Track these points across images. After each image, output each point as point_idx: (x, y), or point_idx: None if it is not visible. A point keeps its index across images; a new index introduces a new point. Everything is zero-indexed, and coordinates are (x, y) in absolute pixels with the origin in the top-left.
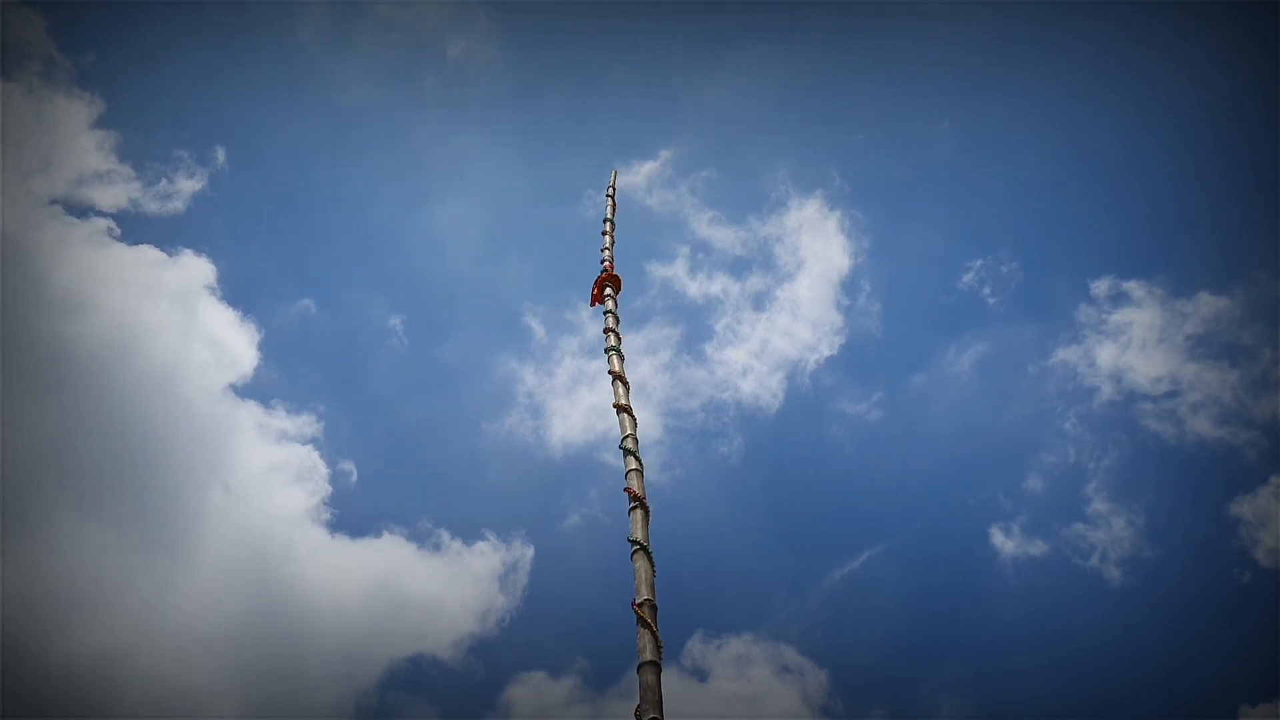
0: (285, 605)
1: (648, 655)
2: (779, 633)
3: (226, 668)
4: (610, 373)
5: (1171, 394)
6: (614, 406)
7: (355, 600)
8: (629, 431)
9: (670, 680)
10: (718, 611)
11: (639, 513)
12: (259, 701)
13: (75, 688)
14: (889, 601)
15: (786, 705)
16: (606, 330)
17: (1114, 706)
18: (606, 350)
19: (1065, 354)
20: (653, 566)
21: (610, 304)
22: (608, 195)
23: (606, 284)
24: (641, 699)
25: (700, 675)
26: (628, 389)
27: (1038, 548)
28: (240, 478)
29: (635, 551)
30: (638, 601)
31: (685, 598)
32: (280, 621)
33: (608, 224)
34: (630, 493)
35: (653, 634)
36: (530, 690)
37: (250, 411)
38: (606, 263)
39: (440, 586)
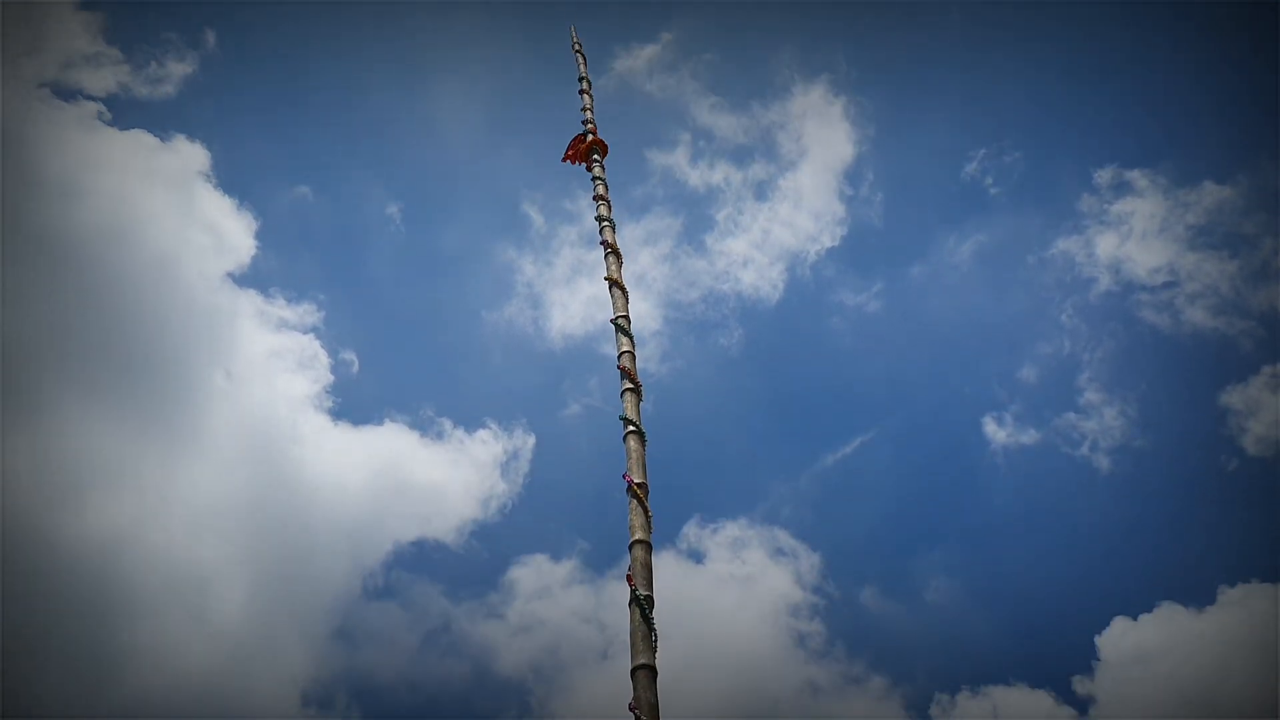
0: (291, 488)
1: (638, 534)
2: (773, 516)
3: (235, 548)
4: (602, 243)
5: (1169, 284)
6: (605, 280)
7: (359, 485)
8: (621, 310)
9: (667, 563)
10: (714, 497)
11: (631, 394)
12: (267, 580)
13: (85, 568)
14: (881, 486)
15: (780, 586)
16: (596, 198)
17: (1098, 588)
18: (598, 219)
19: (1065, 244)
20: (644, 446)
21: (598, 170)
22: (574, 51)
23: (593, 149)
24: (633, 574)
25: (696, 558)
26: (620, 263)
27: (1030, 437)
28: (241, 364)
29: (628, 432)
30: (631, 480)
31: (683, 484)
32: (286, 504)
33: (584, 82)
34: (623, 370)
35: (644, 512)
36: (532, 571)
37: (250, 299)
38: (589, 125)
39: (442, 473)
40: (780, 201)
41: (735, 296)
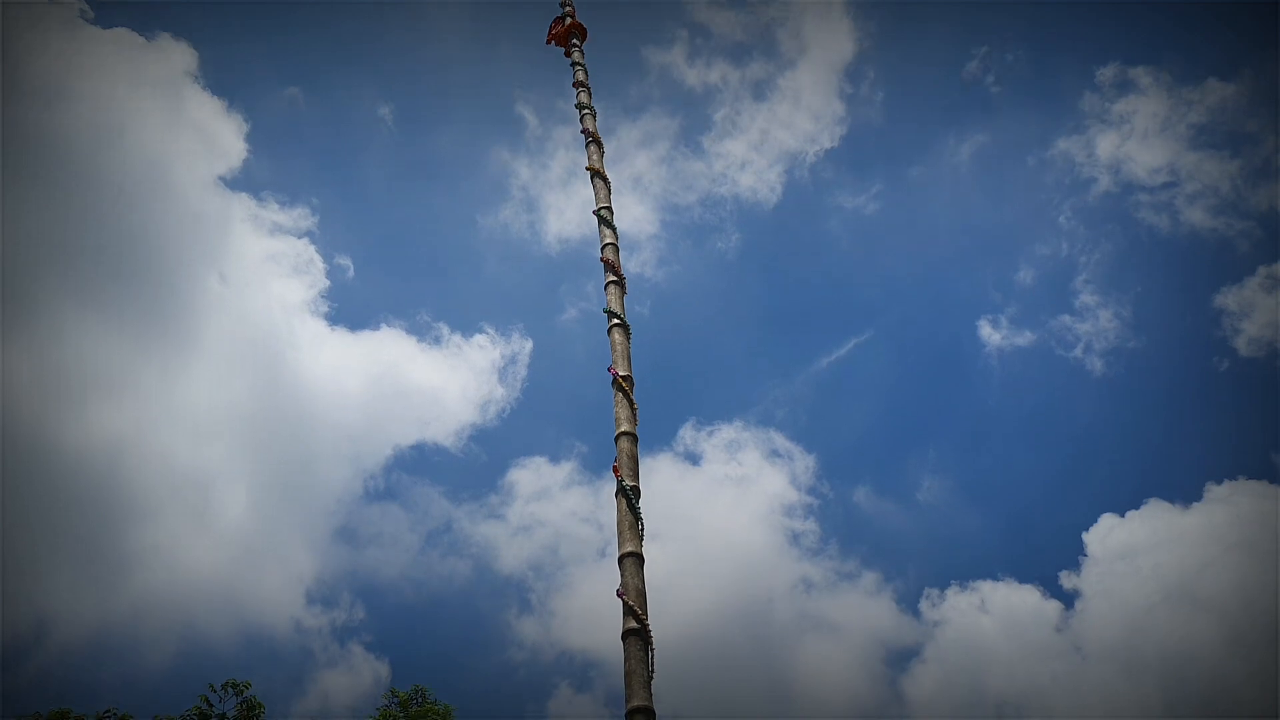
0: (290, 392)
1: (624, 426)
2: (768, 419)
3: (236, 452)
4: (583, 132)
5: (1169, 185)
6: (587, 169)
7: (358, 390)
8: (604, 202)
9: (664, 465)
10: (710, 400)
11: (614, 286)
12: (270, 483)
13: (89, 472)
14: (875, 388)
15: (775, 487)
16: (576, 84)
17: (1087, 486)
18: (578, 107)
19: (1065, 145)
20: (629, 339)
21: (577, 55)
22: None
23: (572, 33)
24: (619, 465)
25: (693, 460)
26: (601, 151)
27: (1024, 339)
28: (235, 269)
29: (612, 325)
30: (616, 373)
31: (679, 387)
32: (286, 408)
33: None
34: (606, 263)
35: (629, 404)
36: (531, 473)
37: (242, 203)
38: (567, 7)
39: (441, 378)
40: (779, 101)
41: (733, 199)
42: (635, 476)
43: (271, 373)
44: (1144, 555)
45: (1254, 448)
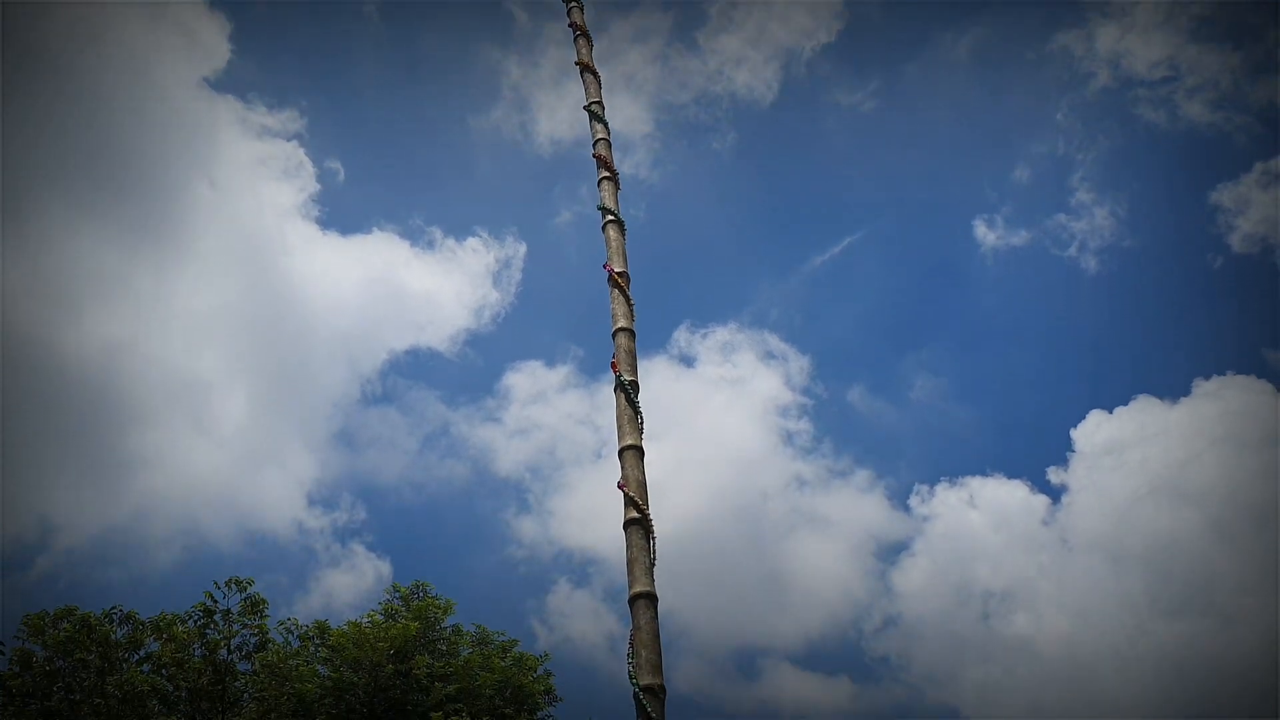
0: (284, 297)
1: (621, 322)
2: (762, 319)
3: (233, 357)
4: (570, 25)
5: (1169, 79)
6: (576, 64)
7: (352, 294)
8: (594, 96)
9: (659, 367)
10: (704, 302)
11: (608, 182)
12: (267, 388)
13: (86, 377)
14: (870, 288)
15: (769, 388)
16: None
17: (1077, 383)
18: (565, 0)
19: (1065, 39)
20: (624, 235)
21: None
22: None
23: None
24: (617, 360)
25: (688, 362)
26: (590, 45)
27: (1020, 238)
28: (225, 173)
29: (607, 222)
30: (612, 270)
31: (673, 289)
32: (281, 313)
33: None
34: (598, 159)
35: (625, 300)
36: (527, 377)
37: (229, 106)
38: None
39: (434, 283)
40: None
41: (728, 97)
42: (633, 371)
43: (264, 277)
44: (1131, 450)
45: (1244, 343)
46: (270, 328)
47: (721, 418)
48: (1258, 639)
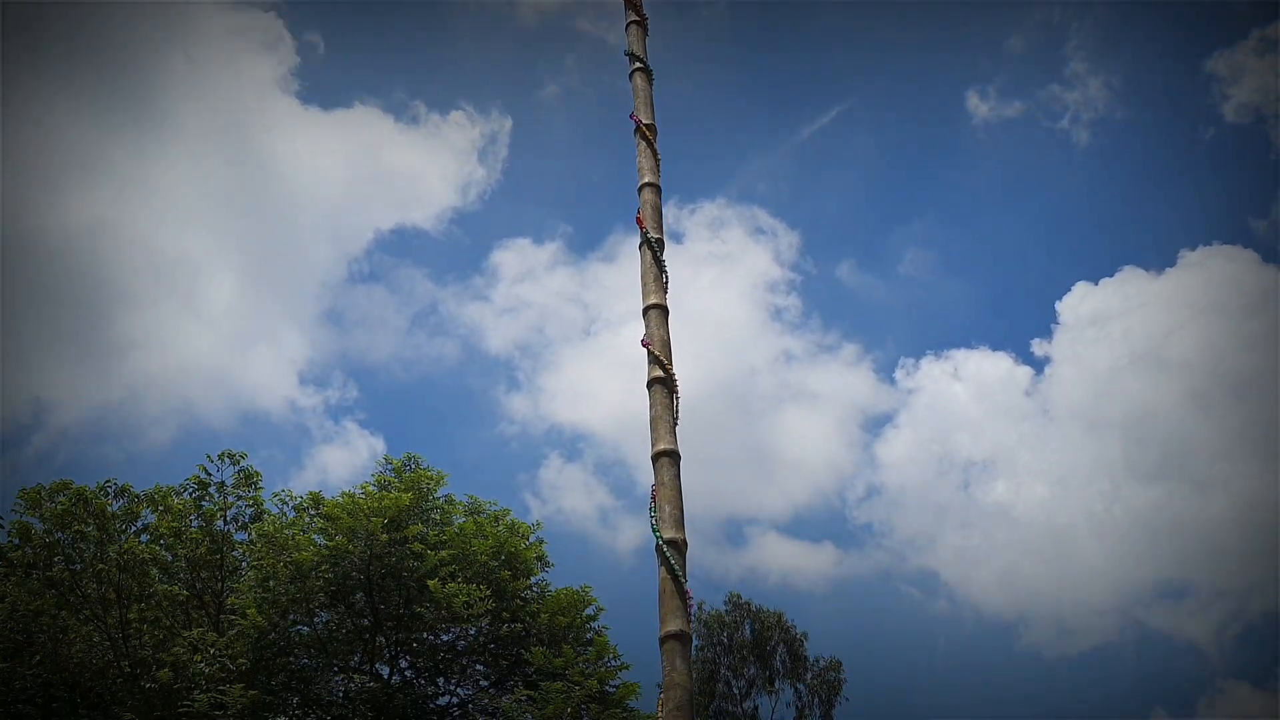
0: (268, 176)
1: (647, 177)
2: (750, 194)
3: (218, 237)
4: None
5: None
6: None
7: (336, 172)
8: None
9: None
10: (691, 177)
11: (636, 27)
12: (253, 267)
13: (72, 258)
14: (860, 159)
15: (759, 264)
16: None
17: (1064, 255)
18: None
19: None
20: (651, 84)
21: None
22: None
23: None
24: (643, 216)
25: (675, 238)
26: None
27: (1013, 109)
28: (201, 46)
29: (634, 69)
30: (639, 120)
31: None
32: (265, 192)
33: None
34: (628, 2)
35: (653, 154)
36: (515, 255)
37: None
38: None
39: (419, 160)
40: None
41: None
42: (659, 228)
43: (246, 155)
44: (1114, 321)
45: (1231, 213)
46: (254, 207)
47: (710, 294)
48: (1230, 504)
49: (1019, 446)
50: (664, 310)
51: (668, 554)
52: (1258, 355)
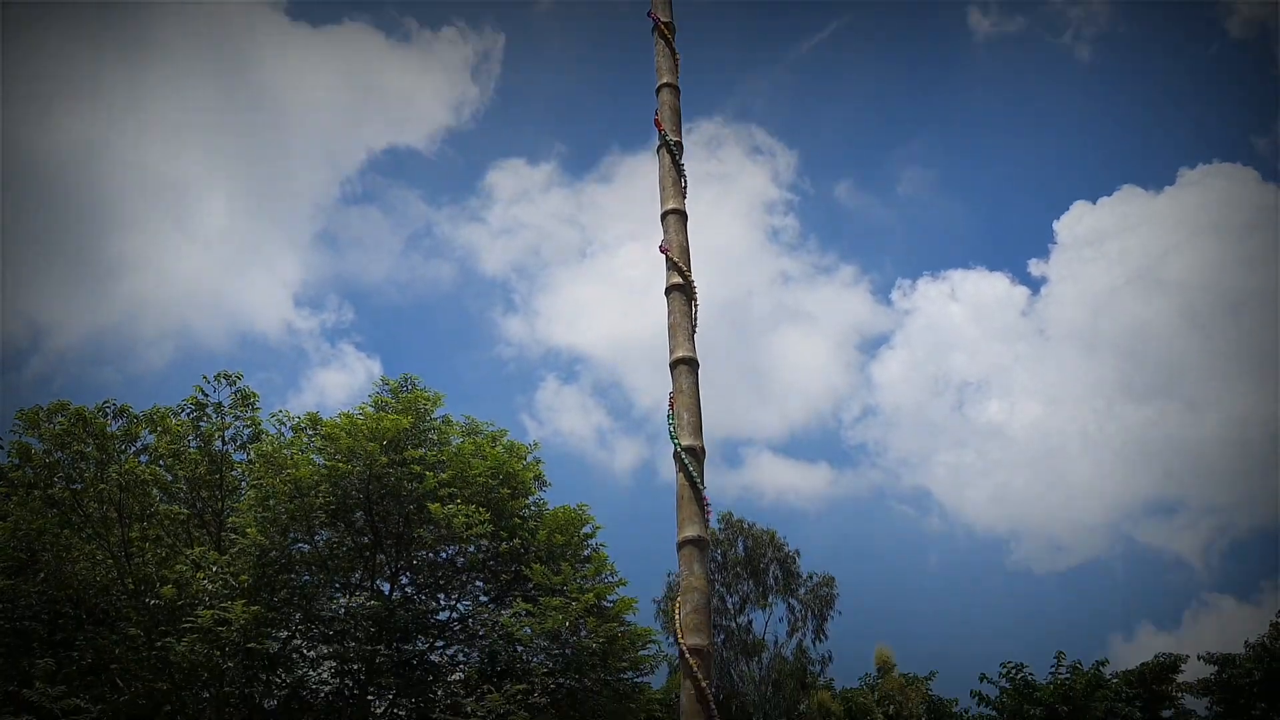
0: (257, 95)
1: (665, 78)
2: (747, 112)
3: (209, 157)
4: None
5: None
6: None
7: (326, 92)
8: None
9: (642, 163)
10: (688, 93)
11: None
12: (246, 188)
13: (66, 178)
14: (859, 76)
15: (756, 184)
16: None
17: (1063, 174)
18: None
19: None
20: None
21: None
22: None
23: None
24: (661, 118)
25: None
26: None
27: (1015, 25)
28: None
29: None
30: (657, 18)
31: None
32: (255, 112)
33: None
34: None
35: (671, 53)
36: (510, 175)
37: None
38: None
39: (411, 78)
40: None
41: None
42: (678, 131)
43: (236, 74)
44: (1112, 240)
45: (1232, 130)
46: (245, 127)
47: (707, 215)
48: (1222, 422)
49: (1014, 366)
50: (683, 215)
51: (686, 461)
52: (1254, 274)
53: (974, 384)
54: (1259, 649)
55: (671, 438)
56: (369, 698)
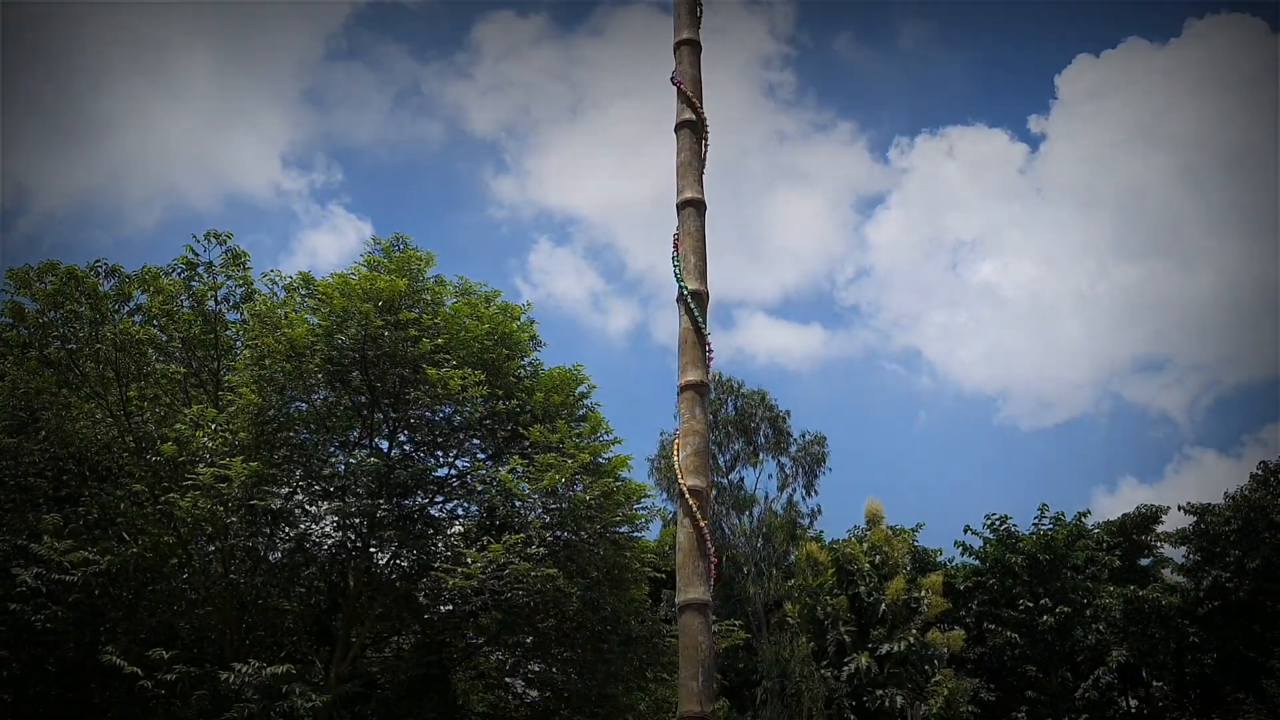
0: None
1: None
2: None
3: (192, 13)
4: None
5: None
6: None
7: None
8: None
9: (634, 14)
10: None
11: None
12: (228, 44)
13: (42, 35)
14: None
15: (753, 38)
16: None
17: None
18: None
19: None
20: None
21: None
22: None
23: None
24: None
25: (663, 7)
26: None
27: None
28: None
29: None
30: None
31: None
32: None
33: None
34: None
35: None
36: (498, 28)
37: None
38: None
39: None
40: None
41: None
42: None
43: None
44: (1113, 96)
45: None
46: None
47: (701, 70)
48: (1215, 279)
49: (1009, 225)
50: (696, 46)
51: (691, 304)
52: (1255, 130)
53: (968, 244)
54: (1238, 500)
55: (677, 279)
56: (371, 550)
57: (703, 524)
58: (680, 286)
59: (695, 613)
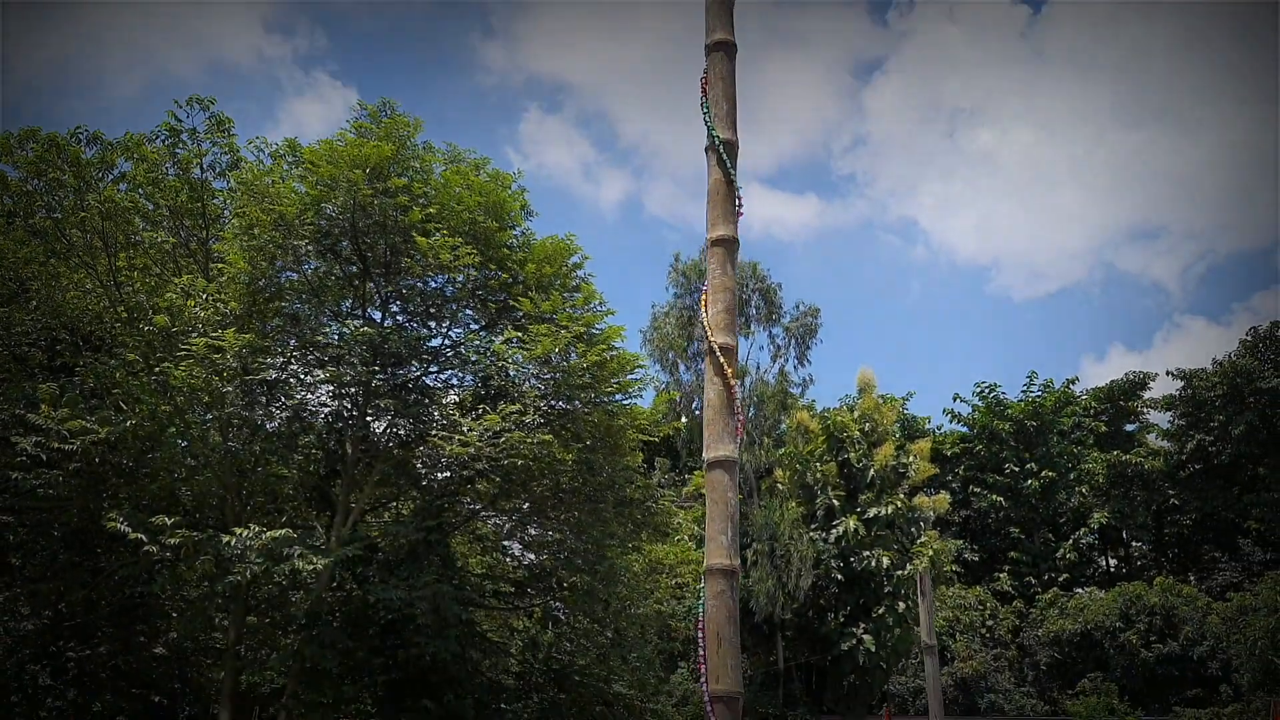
0: None
1: None
2: None
3: None
4: None
5: None
6: None
7: None
8: None
9: None
10: None
11: None
12: None
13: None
14: None
15: None
16: None
17: None
18: None
19: None
20: None
21: None
22: None
23: None
24: None
25: None
26: None
27: None
28: None
29: None
30: None
31: None
32: None
33: None
34: None
35: None
36: None
37: None
38: None
39: None
40: None
41: None
42: None
43: None
44: None
45: None
46: None
47: None
48: (1213, 147)
49: (1009, 92)
50: None
51: (723, 155)
52: None
53: (966, 111)
54: (1225, 365)
55: (707, 126)
56: (367, 419)
57: (733, 382)
58: (711, 134)
59: (723, 469)
